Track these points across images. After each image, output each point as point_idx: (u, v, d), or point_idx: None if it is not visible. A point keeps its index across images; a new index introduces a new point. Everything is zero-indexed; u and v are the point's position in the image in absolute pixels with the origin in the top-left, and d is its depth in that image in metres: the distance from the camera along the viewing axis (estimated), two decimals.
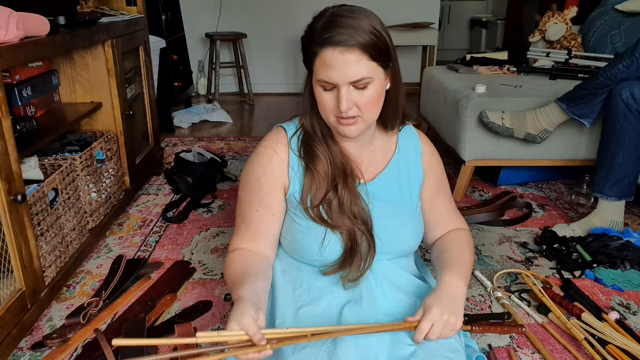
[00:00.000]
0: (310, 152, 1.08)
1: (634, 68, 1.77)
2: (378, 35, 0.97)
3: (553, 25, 2.71)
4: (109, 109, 2.05)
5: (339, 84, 0.96)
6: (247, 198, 1.12)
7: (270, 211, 1.11)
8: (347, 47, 0.94)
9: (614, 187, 1.86)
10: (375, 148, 1.14)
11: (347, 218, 1.05)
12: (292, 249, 1.14)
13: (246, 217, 1.13)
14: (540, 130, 2.03)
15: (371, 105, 1.00)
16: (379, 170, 1.14)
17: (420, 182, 1.19)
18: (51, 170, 1.68)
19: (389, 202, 1.12)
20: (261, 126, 3.66)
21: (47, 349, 1.36)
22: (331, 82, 0.97)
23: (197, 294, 1.62)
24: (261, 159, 1.10)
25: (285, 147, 1.10)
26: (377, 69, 0.98)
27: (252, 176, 1.11)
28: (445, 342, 1.02)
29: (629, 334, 1.38)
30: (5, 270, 1.30)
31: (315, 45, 0.97)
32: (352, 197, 1.06)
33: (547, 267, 1.78)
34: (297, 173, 1.09)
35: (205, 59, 4.61)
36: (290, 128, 1.12)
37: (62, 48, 1.61)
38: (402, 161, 1.17)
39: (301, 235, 1.09)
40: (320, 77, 0.98)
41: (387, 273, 1.13)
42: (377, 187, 1.13)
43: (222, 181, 2.54)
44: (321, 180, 1.06)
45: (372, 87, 0.98)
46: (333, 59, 0.95)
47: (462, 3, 6.40)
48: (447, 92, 2.39)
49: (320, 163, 1.07)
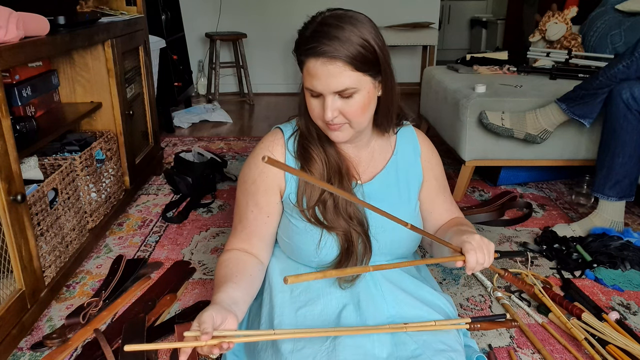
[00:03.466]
0: (305, 153, 1.08)
1: (634, 68, 1.77)
2: (366, 46, 0.95)
3: (553, 25, 2.71)
4: (109, 109, 2.05)
5: (324, 93, 0.97)
6: (243, 200, 1.14)
7: (265, 213, 1.12)
8: (330, 58, 0.93)
9: (615, 187, 1.86)
10: (374, 149, 1.15)
11: (342, 219, 1.06)
12: (290, 250, 1.14)
13: (242, 218, 1.14)
14: (541, 131, 2.03)
15: (358, 114, 1.00)
16: (377, 171, 1.14)
17: (419, 182, 1.19)
18: (51, 170, 1.68)
19: (386, 203, 1.11)
20: (261, 126, 3.66)
21: (47, 349, 1.36)
22: (316, 91, 0.97)
23: (197, 294, 1.62)
24: (257, 161, 1.11)
25: (282, 149, 1.10)
26: (364, 79, 0.97)
27: (248, 178, 1.12)
28: (446, 342, 1.02)
29: (629, 334, 1.38)
30: (5, 270, 1.30)
31: (301, 54, 0.98)
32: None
33: (547, 267, 1.78)
34: (294, 175, 1.09)
35: (205, 59, 4.61)
36: (287, 130, 1.13)
37: (62, 48, 1.61)
38: (401, 162, 1.17)
39: (298, 237, 1.10)
40: (307, 85, 0.99)
41: (385, 273, 1.12)
42: (375, 188, 1.13)
43: (222, 181, 2.54)
44: (319, 176, 1.07)
45: (359, 96, 0.98)
46: (316, 69, 0.95)
47: (462, 3, 6.40)
48: (447, 92, 2.39)
49: (315, 164, 1.07)
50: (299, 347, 0.98)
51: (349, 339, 0.99)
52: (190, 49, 4.25)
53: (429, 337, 1.02)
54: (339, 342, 0.97)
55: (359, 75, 0.96)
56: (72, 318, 1.44)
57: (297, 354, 0.97)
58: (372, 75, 0.99)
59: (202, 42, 4.59)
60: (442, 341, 1.02)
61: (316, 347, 0.97)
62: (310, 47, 0.95)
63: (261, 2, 4.53)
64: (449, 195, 1.26)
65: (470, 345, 1.22)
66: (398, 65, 1.11)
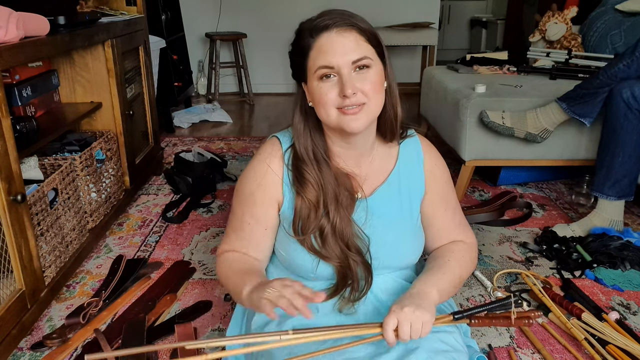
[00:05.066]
0: (300, 177, 1.03)
1: (634, 67, 1.77)
2: (373, 30, 0.97)
3: (553, 25, 2.71)
4: (109, 109, 2.05)
5: (340, 66, 0.93)
6: (239, 210, 1.11)
7: (263, 225, 1.09)
8: (345, 27, 0.93)
9: (614, 186, 1.86)
10: (374, 158, 1.09)
11: (340, 249, 1.02)
12: (287, 264, 1.12)
13: (237, 228, 1.11)
14: (541, 130, 2.03)
15: (375, 90, 0.96)
16: (377, 185, 1.10)
17: (421, 194, 1.12)
18: (51, 170, 1.68)
19: (387, 218, 1.08)
20: (261, 126, 3.66)
21: (47, 349, 1.36)
22: (331, 65, 0.93)
23: (197, 294, 1.62)
24: (255, 174, 1.08)
25: (279, 162, 1.07)
26: (375, 56, 0.97)
27: (246, 189, 1.09)
28: (447, 342, 1.02)
29: (629, 334, 1.38)
30: (5, 270, 1.30)
31: (308, 38, 0.95)
32: (345, 223, 1.02)
33: (547, 267, 1.78)
34: (292, 188, 1.06)
35: (205, 59, 4.61)
36: (285, 140, 1.09)
37: (62, 48, 1.61)
38: (403, 173, 1.11)
39: (295, 254, 1.07)
40: (319, 63, 0.94)
41: (385, 286, 1.11)
42: (376, 202, 1.08)
43: (222, 181, 2.54)
44: (312, 207, 1.03)
45: (373, 71, 0.95)
46: (331, 41, 0.93)
47: (462, 3, 6.40)
48: (447, 92, 2.39)
49: (310, 190, 1.03)
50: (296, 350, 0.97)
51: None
52: (190, 49, 4.25)
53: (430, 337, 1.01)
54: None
55: (371, 48, 0.96)
56: (72, 318, 1.44)
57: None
58: (380, 57, 0.98)
59: (202, 42, 4.59)
60: (444, 341, 1.02)
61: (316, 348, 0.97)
62: (321, 25, 0.94)
63: (261, 2, 4.53)
64: (452, 207, 1.16)
65: (470, 345, 1.22)
66: (398, 65, 1.11)
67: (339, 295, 1.05)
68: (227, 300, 1.57)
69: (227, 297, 1.58)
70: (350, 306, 1.05)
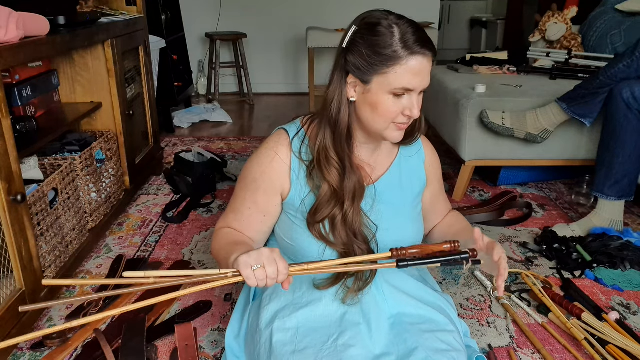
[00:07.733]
0: (328, 165, 1.05)
1: (634, 68, 1.77)
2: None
3: (553, 25, 2.71)
4: (109, 109, 2.05)
5: (416, 90, 0.99)
6: (241, 194, 1.13)
7: (262, 212, 1.12)
8: (432, 56, 0.98)
9: (614, 186, 1.86)
10: (382, 151, 1.16)
11: (347, 236, 1.05)
12: (292, 252, 1.14)
13: (236, 210, 1.14)
14: (541, 130, 2.03)
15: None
16: (381, 173, 1.15)
17: (422, 186, 1.21)
18: (51, 170, 1.68)
19: (391, 204, 1.13)
20: (261, 126, 3.66)
21: (47, 349, 1.36)
22: (412, 88, 0.98)
23: (197, 294, 1.62)
24: (261, 161, 1.10)
25: (287, 150, 1.09)
26: None
27: (249, 175, 1.12)
28: (447, 342, 1.02)
29: (629, 334, 1.38)
30: (5, 270, 1.30)
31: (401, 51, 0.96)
32: (356, 213, 1.06)
33: (547, 267, 1.78)
34: (299, 176, 1.08)
35: (205, 59, 4.61)
36: (292, 130, 1.12)
37: (62, 48, 1.61)
38: (404, 164, 1.18)
39: (302, 239, 1.09)
40: (402, 84, 0.97)
41: (386, 276, 1.12)
42: (381, 188, 1.13)
43: (222, 181, 2.54)
44: (332, 194, 1.05)
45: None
46: (422, 67, 0.97)
47: (462, 3, 6.40)
48: (447, 92, 2.39)
49: (335, 176, 1.05)
50: (300, 347, 0.98)
51: (352, 340, 0.99)
52: (190, 49, 4.25)
53: (430, 336, 1.02)
54: (342, 343, 0.97)
55: None
56: (72, 318, 1.44)
57: (298, 354, 0.97)
58: None
59: (202, 42, 4.59)
60: (443, 341, 1.02)
61: (318, 347, 0.97)
62: (420, 47, 0.97)
63: (261, 2, 4.53)
64: (443, 190, 1.32)
65: (470, 345, 1.22)
66: None
67: (342, 285, 1.06)
68: (227, 300, 1.57)
69: (227, 297, 1.58)
70: (354, 296, 1.06)
